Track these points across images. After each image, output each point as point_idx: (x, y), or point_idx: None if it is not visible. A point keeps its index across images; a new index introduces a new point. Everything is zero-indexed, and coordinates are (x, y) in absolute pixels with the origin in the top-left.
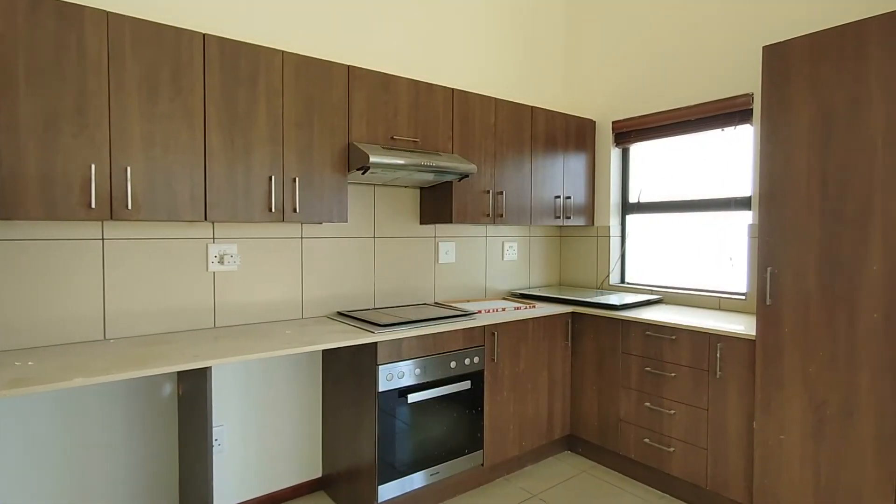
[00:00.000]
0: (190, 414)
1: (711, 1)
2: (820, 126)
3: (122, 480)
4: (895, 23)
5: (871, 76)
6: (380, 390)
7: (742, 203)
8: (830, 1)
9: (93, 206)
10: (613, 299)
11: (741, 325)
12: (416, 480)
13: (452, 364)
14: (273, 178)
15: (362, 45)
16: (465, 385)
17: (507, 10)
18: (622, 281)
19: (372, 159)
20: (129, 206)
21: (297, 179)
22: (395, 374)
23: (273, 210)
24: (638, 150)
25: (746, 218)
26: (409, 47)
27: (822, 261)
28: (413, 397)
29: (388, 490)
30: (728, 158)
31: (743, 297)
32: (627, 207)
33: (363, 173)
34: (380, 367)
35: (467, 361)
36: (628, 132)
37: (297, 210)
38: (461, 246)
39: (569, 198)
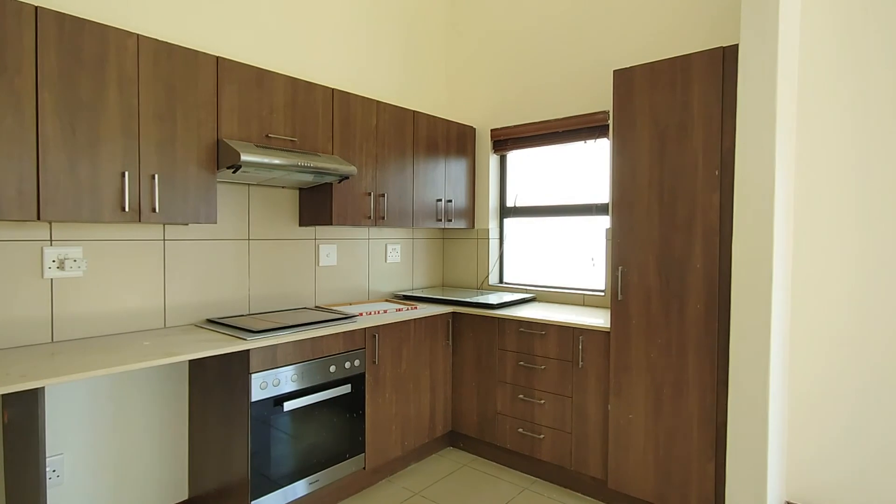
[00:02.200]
0: (18, 444)
1: (569, 27)
2: (657, 143)
3: None
4: (712, 59)
5: (695, 103)
6: (253, 400)
7: (602, 209)
8: (668, 34)
9: None
10: (492, 299)
11: (600, 319)
12: (295, 491)
13: (332, 368)
14: (127, 174)
15: (235, 35)
16: (346, 389)
17: (390, 16)
18: (501, 281)
19: (243, 158)
20: None
21: (156, 176)
22: (270, 382)
23: (127, 209)
24: (514, 157)
25: (605, 222)
26: (286, 43)
27: (660, 260)
28: (289, 405)
29: None
30: (592, 168)
31: (602, 294)
32: (505, 211)
33: (234, 172)
34: (253, 375)
35: (348, 365)
36: (505, 140)
37: (157, 210)
38: (343, 248)
39: (450, 201)
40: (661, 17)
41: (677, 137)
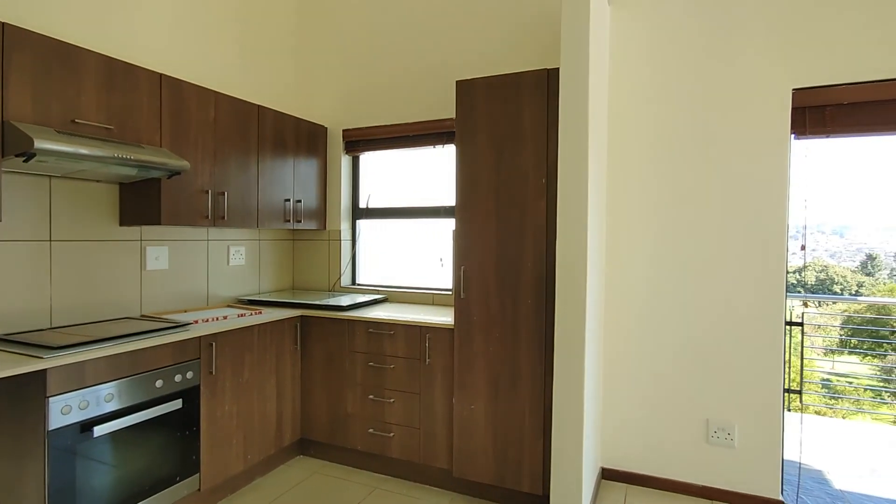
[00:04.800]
0: None
1: (418, 33)
2: (494, 152)
3: None
4: (539, 79)
5: (525, 116)
6: (51, 428)
7: (450, 211)
8: (507, 51)
9: None
10: (343, 300)
11: (446, 317)
12: None
13: (159, 383)
14: None
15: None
16: (176, 404)
17: (232, 3)
18: (353, 282)
19: (38, 145)
20: None
21: None
22: (76, 406)
23: None
24: (367, 158)
25: (452, 224)
26: (102, 18)
27: (498, 260)
28: (102, 429)
29: None
30: (442, 172)
31: (450, 293)
32: (358, 212)
33: (26, 161)
34: (51, 399)
35: (178, 378)
36: (357, 141)
37: None
38: (176, 250)
39: (299, 201)
40: (501, 35)
41: (512, 147)
